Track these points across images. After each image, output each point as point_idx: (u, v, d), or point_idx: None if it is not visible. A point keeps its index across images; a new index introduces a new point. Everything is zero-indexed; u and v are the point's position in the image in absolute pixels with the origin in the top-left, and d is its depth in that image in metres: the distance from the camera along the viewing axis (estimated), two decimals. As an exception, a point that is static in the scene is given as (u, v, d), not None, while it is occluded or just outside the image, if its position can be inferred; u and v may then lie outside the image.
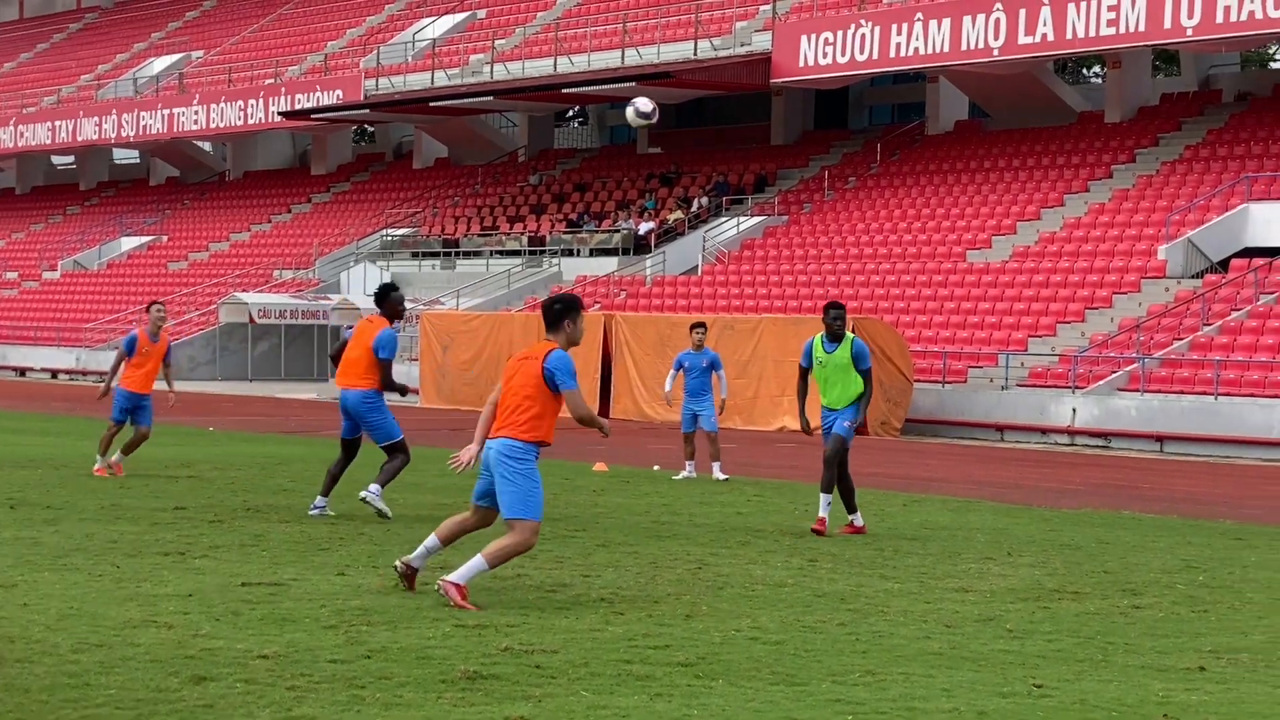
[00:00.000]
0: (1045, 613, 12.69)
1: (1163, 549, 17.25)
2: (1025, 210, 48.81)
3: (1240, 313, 39.00)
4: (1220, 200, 44.37)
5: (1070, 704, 9.28)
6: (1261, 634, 11.97)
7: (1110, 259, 43.99)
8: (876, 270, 48.15)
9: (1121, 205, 46.98)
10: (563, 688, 9.27)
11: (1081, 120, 53.01)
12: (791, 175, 58.19)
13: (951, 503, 22.03)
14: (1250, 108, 49.88)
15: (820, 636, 11.26)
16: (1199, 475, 30.00)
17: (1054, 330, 41.67)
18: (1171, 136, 49.86)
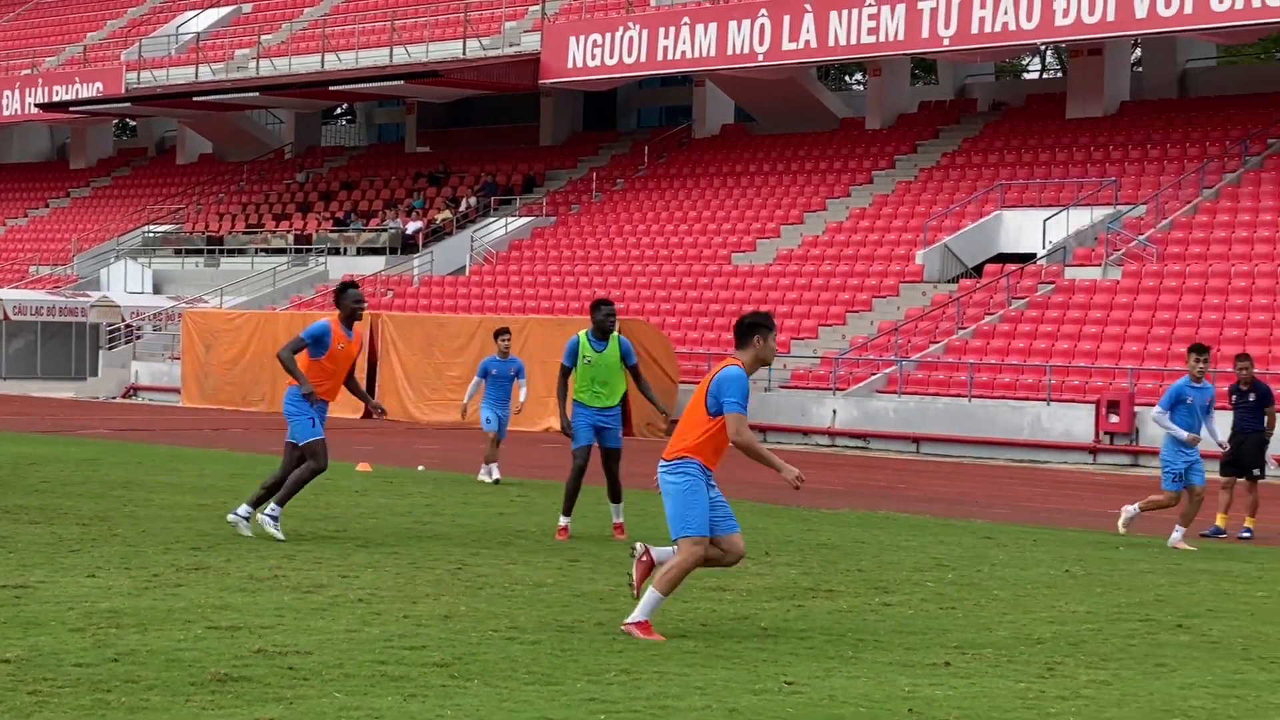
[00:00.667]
0: (799, 611, 12.90)
1: (915, 548, 17.62)
2: (789, 214, 49.49)
3: (993, 317, 39.95)
4: (975, 207, 45.42)
5: (819, 700, 9.45)
6: (1005, 630, 12.29)
7: (870, 263, 44.78)
8: (643, 272, 48.48)
9: (881, 210, 47.86)
10: (315, 689, 9.22)
11: (843, 126, 53.89)
12: (560, 176, 58.33)
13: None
14: (1004, 117, 51.12)
15: (577, 636, 11.32)
16: (953, 475, 30.68)
17: (815, 333, 42.31)
18: (929, 144, 50.90)
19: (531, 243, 53.62)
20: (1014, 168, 47.26)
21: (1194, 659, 11.26)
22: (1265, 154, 43.44)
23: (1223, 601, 14.20)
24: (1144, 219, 41.91)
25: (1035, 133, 48.90)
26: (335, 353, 16.29)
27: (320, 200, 62.31)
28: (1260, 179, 42.28)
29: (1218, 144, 44.50)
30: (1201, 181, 42.73)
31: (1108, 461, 34.50)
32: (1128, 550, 18.22)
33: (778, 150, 53.65)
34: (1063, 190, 44.64)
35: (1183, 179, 43.01)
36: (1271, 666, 11.00)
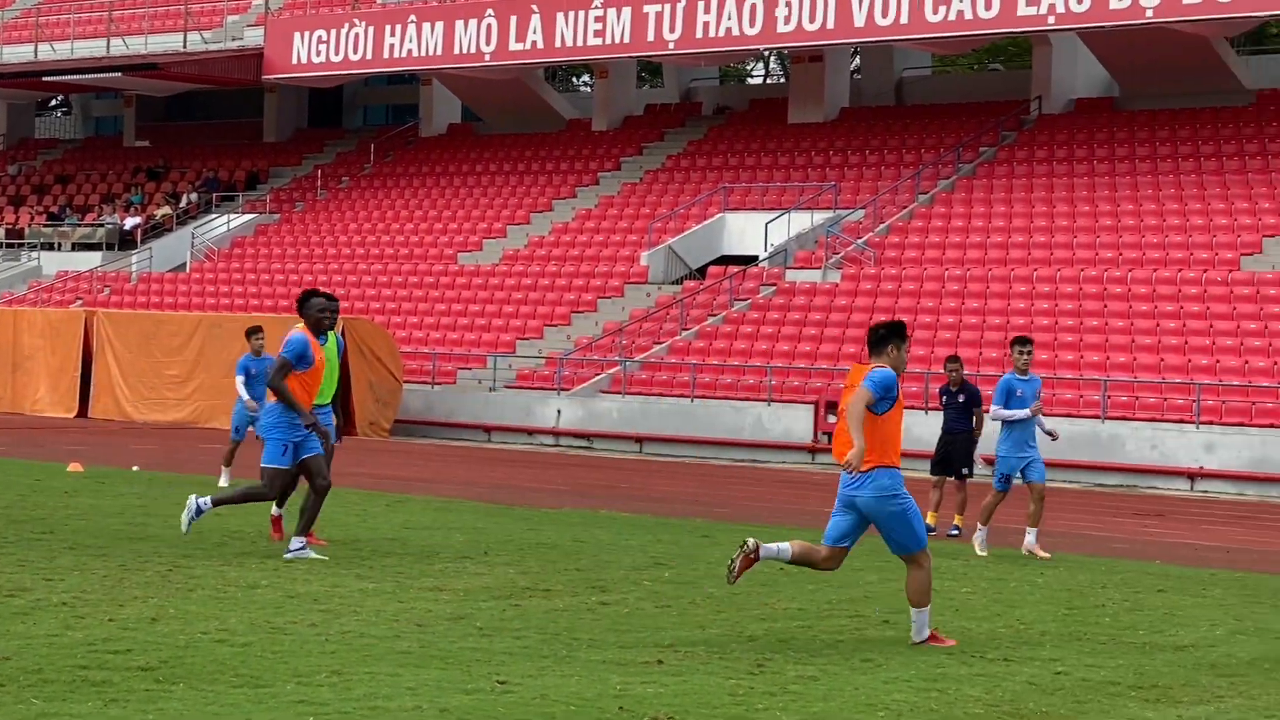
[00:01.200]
0: (516, 610, 12.92)
1: (634, 547, 17.76)
2: (515, 214, 49.54)
3: (716, 318, 40.45)
4: (699, 210, 45.94)
5: (531, 699, 9.48)
6: (718, 627, 12.46)
7: (596, 264, 45.03)
8: (368, 270, 48.14)
9: (607, 212, 48.16)
10: (12, 695, 8.98)
11: (570, 127, 54.10)
12: (284, 173, 57.63)
13: (435, 503, 22.21)
14: (728, 121, 51.78)
15: (289, 638, 11.21)
16: (675, 475, 30.99)
17: (541, 333, 42.42)
18: (655, 146, 51.35)
19: (254, 240, 52.89)
20: (737, 171, 47.90)
21: (899, 654, 11.53)
22: (977, 161, 44.64)
23: (929, 597, 14.53)
24: (862, 223, 42.79)
25: (758, 137, 49.62)
26: (318, 365, 15.84)
27: (33, 194, 60.69)
28: (973, 185, 43.44)
29: (933, 151, 45.61)
30: (917, 187, 43.77)
31: (826, 461, 35.13)
32: (841, 548, 18.54)
33: (504, 150, 53.66)
34: (784, 194, 45.37)
35: (899, 184, 44.01)
36: (971, 660, 11.31)
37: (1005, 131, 45.66)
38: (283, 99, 60.01)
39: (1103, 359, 34.39)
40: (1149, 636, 12.68)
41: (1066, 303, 36.66)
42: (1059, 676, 10.81)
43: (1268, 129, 41.85)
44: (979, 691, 10.19)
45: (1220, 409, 31.95)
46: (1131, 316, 35.54)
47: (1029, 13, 40.53)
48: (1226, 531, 23.31)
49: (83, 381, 41.99)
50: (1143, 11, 39.22)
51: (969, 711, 9.61)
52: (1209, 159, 41.29)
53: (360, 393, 38.62)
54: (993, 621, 13.21)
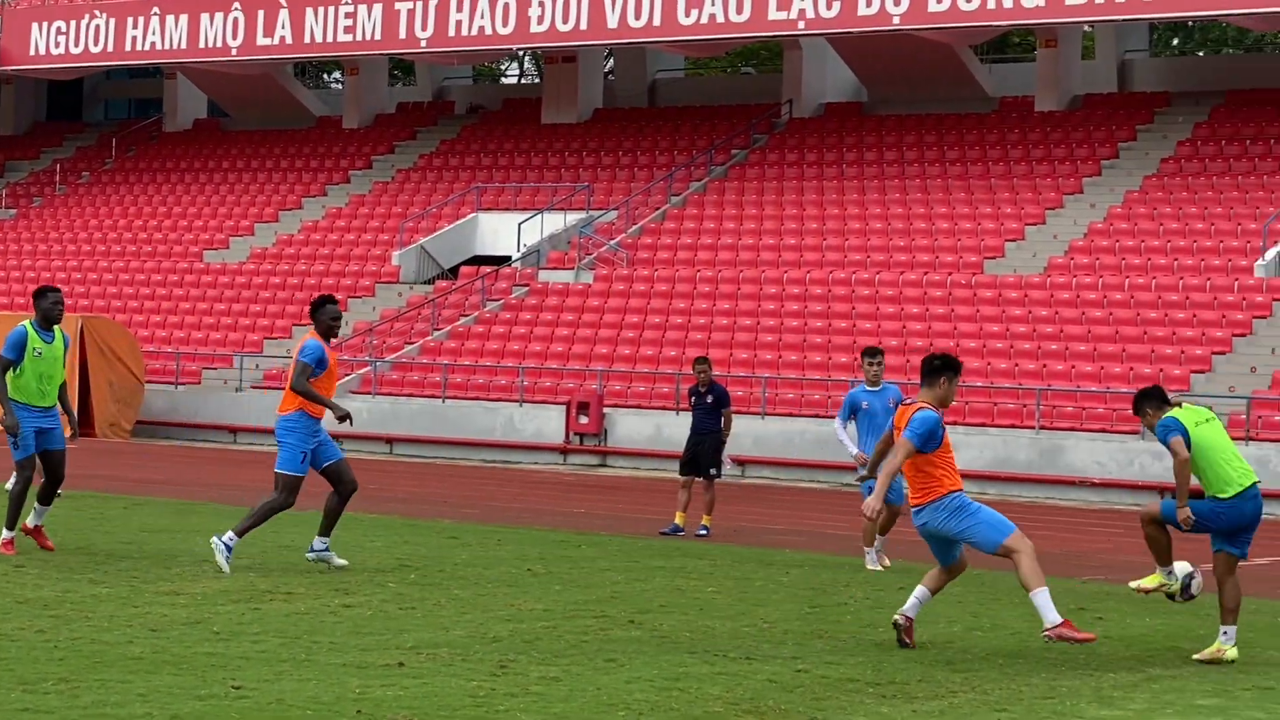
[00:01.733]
0: (255, 614, 12.67)
1: (380, 548, 17.58)
2: (264, 212, 48.85)
3: (468, 318, 40.29)
4: (452, 209, 45.72)
5: (267, 703, 9.29)
6: (462, 629, 12.34)
7: (346, 263, 44.59)
8: (109, 268, 47.10)
9: (358, 210, 47.72)
10: None
11: (320, 124, 53.50)
12: (21, 167, 56.16)
13: (175, 505, 21.77)
14: (481, 120, 51.62)
15: (16, 644, 10.85)
16: (424, 476, 30.79)
17: (290, 333, 41.86)
18: (407, 145, 51.00)
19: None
20: (490, 171, 47.76)
21: (642, 653, 11.52)
22: (729, 163, 45.07)
23: (674, 597, 14.58)
24: (615, 224, 42.93)
25: (512, 137, 49.54)
26: (332, 369, 15.74)
27: None
28: (725, 187, 43.84)
29: (685, 152, 45.93)
30: (670, 189, 44.04)
31: (577, 461, 35.19)
32: (589, 548, 18.56)
33: (253, 147, 52.88)
34: (538, 194, 45.35)
35: (652, 186, 44.24)
36: (714, 659, 11.35)
37: (757, 134, 46.17)
38: (20, 91, 58.45)
39: (851, 360, 34.91)
40: (889, 634, 12.83)
41: (815, 304, 37.16)
42: (799, 674, 10.89)
43: (1009, 135, 42.87)
44: (719, 690, 10.22)
45: (963, 410, 32.60)
46: (879, 319, 36.13)
47: (779, 17, 41.01)
48: (967, 529, 23.72)
49: None
50: (890, 18, 39.91)
51: (709, 710, 9.63)
52: (954, 164, 42.17)
53: (100, 393, 37.75)
54: (736, 620, 13.28)
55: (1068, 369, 32.99)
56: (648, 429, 34.57)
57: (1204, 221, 37.12)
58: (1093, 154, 41.29)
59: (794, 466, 32.82)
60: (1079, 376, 32.72)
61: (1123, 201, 38.91)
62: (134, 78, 59.90)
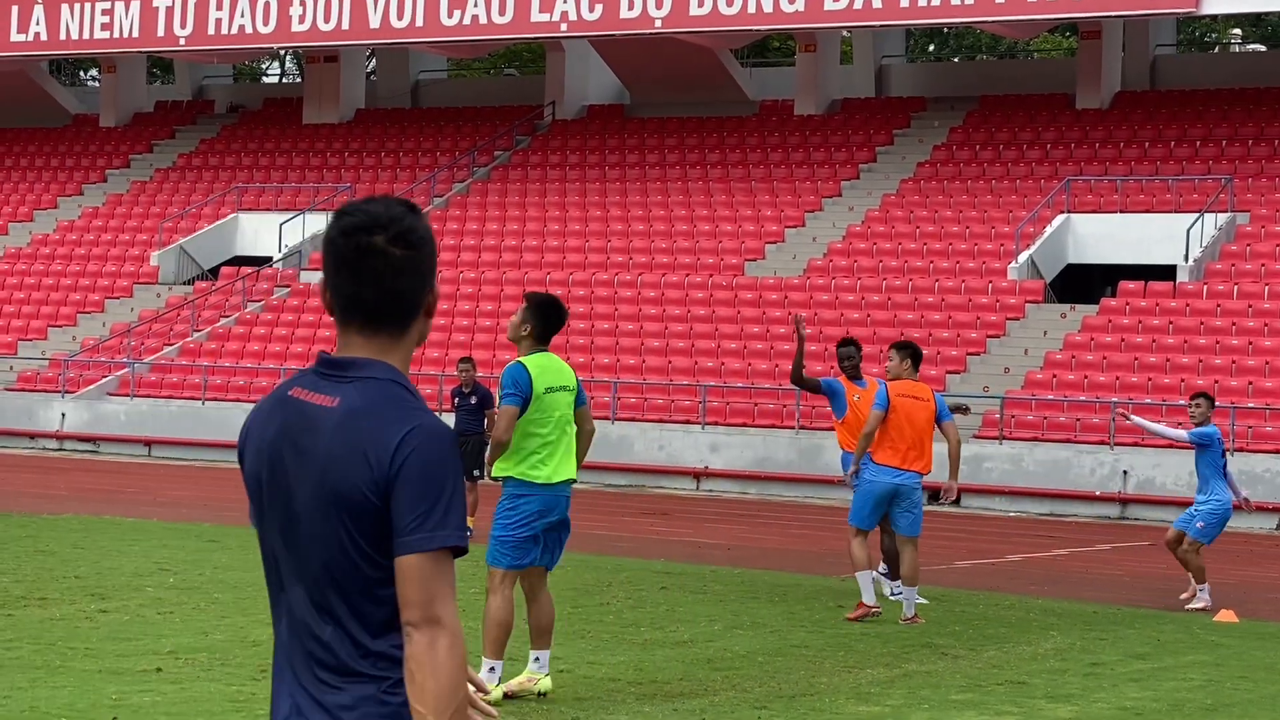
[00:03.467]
0: (8, 620, 12.46)
1: (138, 553, 17.33)
2: (18, 211, 47.75)
3: (229, 319, 39.79)
4: (212, 209, 45.13)
5: (20, 712, 9.17)
6: (222, 633, 12.26)
7: (103, 263, 43.77)
8: None
9: (115, 210, 46.87)
10: None
11: (76, 122, 52.45)
12: None
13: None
14: (241, 120, 51.01)
15: None
16: (185, 479, 30.37)
17: (45, 334, 40.99)
18: (166, 144, 50.20)
19: None
20: (251, 171, 47.21)
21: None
22: (492, 165, 45.07)
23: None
24: (378, 225, 42.62)
25: (273, 136, 49.02)
26: None
27: None
28: (488, 189, 43.84)
29: (448, 154, 45.85)
30: (433, 190, 43.93)
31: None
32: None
33: (6, 145, 51.63)
34: (299, 195, 44.93)
35: (415, 187, 44.08)
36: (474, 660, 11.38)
37: (520, 136, 46.25)
38: None
39: (614, 361, 35.15)
40: (650, 633, 13.00)
41: (579, 305, 37.30)
42: (562, 674, 10.98)
43: (770, 138, 43.47)
44: (482, 690, 10.26)
45: (725, 410, 33.01)
46: (641, 320, 36.42)
47: (542, 19, 41.14)
48: (729, 529, 24.09)
49: None
50: (652, 22, 40.25)
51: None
52: (715, 166, 42.65)
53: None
54: (499, 621, 13.32)
55: (826, 369, 33.53)
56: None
57: (959, 225, 38.00)
58: (851, 158, 42.05)
59: (558, 467, 32.90)
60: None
61: (880, 205, 39.68)
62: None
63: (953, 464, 14.74)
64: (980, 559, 21.03)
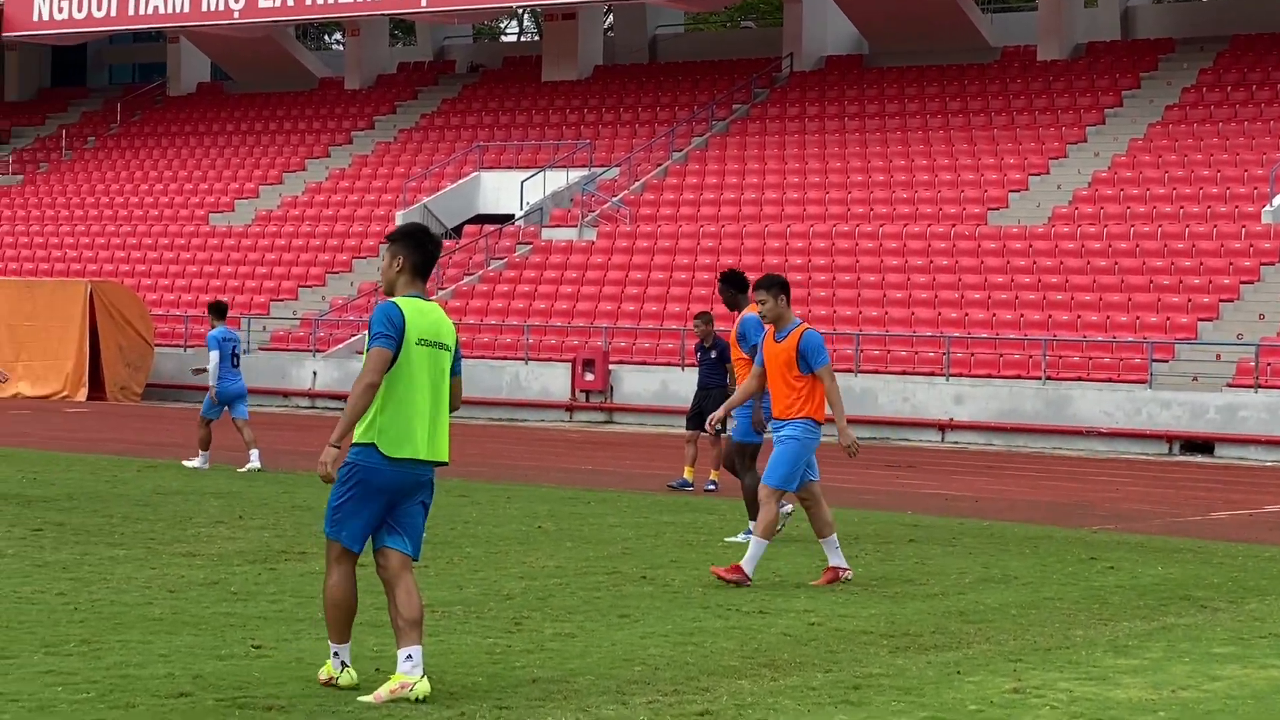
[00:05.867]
0: (270, 574, 12.76)
1: (391, 508, 17.60)
2: (268, 174, 48.85)
3: (472, 277, 40.31)
4: (454, 168, 45.71)
5: (287, 662, 9.38)
6: (475, 587, 12.42)
7: (350, 224, 44.61)
8: (117, 233, 47.12)
9: (361, 171, 47.71)
10: None
11: (322, 86, 53.45)
12: (27, 133, 56.13)
13: (187, 468, 21.81)
14: (482, 79, 51.57)
15: (36, 607, 10.95)
16: (433, 435, 30.77)
17: (295, 294, 41.91)
18: (409, 105, 50.96)
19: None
20: (492, 129, 47.73)
21: (656, 609, 11.60)
22: (731, 119, 45.02)
23: (686, 553, 14.66)
24: (617, 181, 42.92)
25: (512, 95, 49.49)
26: None
27: None
28: (726, 143, 43.80)
29: (686, 108, 45.88)
30: (671, 145, 44.01)
31: (583, 418, 35.27)
32: (598, 505, 18.65)
33: (256, 109, 52.85)
34: (539, 152, 45.31)
35: (654, 142, 44.21)
36: (727, 614, 11.42)
37: (758, 89, 46.10)
38: (24, 57, 58.41)
39: (855, 314, 34.95)
40: (900, 586, 12.92)
41: (819, 258, 37.17)
42: (813, 627, 10.97)
43: (1011, 85, 42.81)
44: (733, 644, 10.29)
45: (969, 361, 32.66)
46: (883, 271, 36.15)
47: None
48: (975, 481, 23.85)
49: None
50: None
51: (724, 664, 9.71)
52: (956, 115, 42.12)
53: (110, 356, 37.86)
54: (748, 574, 13.34)
55: (1073, 319, 33.03)
56: (653, 385, 34.63)
57: (1210, 168, 37.09)
58: (1096, 102, 41.24)
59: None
60: (1085, 326, 32.76)
61: (1127, 150, 38.88)
62: (138, 42, 59.83)
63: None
64: (1237, 509, 20.56)
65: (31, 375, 38.19)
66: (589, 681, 9.11)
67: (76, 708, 8.17)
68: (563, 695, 8.75)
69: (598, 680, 9.15)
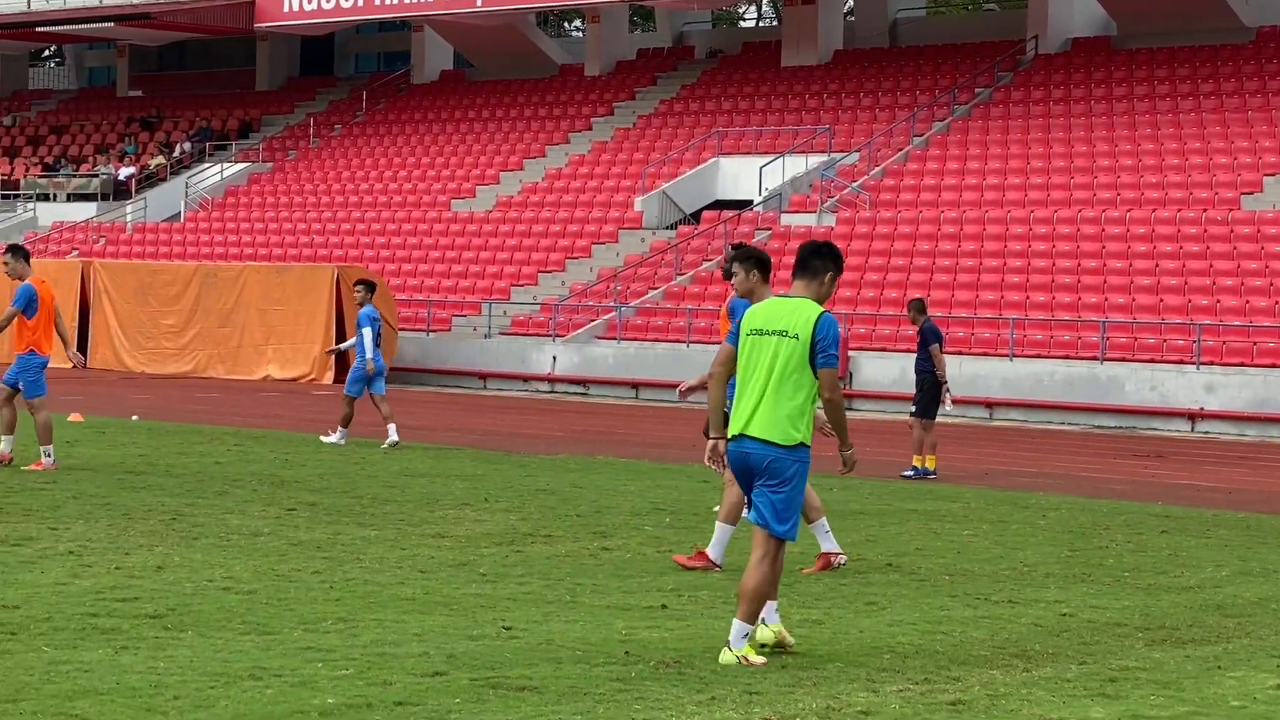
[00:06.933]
0: (518, 556, 12.91)
1: (633, 492, 17.75)
2: (508, 160, 49.38)
3: (711, 263, 40.32)
4: (693, 154, 45.78)
5: (537, 644, 9.48)
6: (721, 573, 12.43)
7: (590, 209, 44.91)
8: (362, 218, 47.99)
9: (600, 157, 48.00)
10: (23, 644, 8.98)
11: (562, 73, 53.88)
12: (277, 122, 57.41)
13: (432, 450, 22.18)
14: (721, 65, 51.57)
15: (294, 585, 11.20)
16: (671, 420, 30.95)
17: (535, 279, 42.32)
18: (648, 91, 51.16)
19: (248, 189, 52.72)
20: (731, 115, 47.72)
21: (903, 597, 11.52)
22: (972, 103, 44.48)
23: (931, 540, 14.55)
24: (857, 166, 42.65)
25: (751, 80, 49.42)
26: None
27: (28, 145, 60.46)
28: (968, 127, 43.29)
29: (927, 93, 45.43)
30: (912, 130, 43.61)
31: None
32: (840, 492, 18.54)
33: (497, 96, 53.45)
34: (778, 138, 45.19)
35: (894, 127, 43.86)
36: (976, 603, 11.30)
37: (1001, 72, 45.48)
38: (275, 47, 59.75)
39: (1101, 300, 34.34)
40: (1154, 578, 12.67)
41: (1064, 244, 36.59)
42: (1064, 618, 10.81)
43: (1267, 66, 41.69)
44: (984, 634, 10.18)
45: (1221, 349, 31.92)
46: (1130, 257, 35.47)
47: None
48: (1228, 472, 23.32)
49: (80, 332, 41.90)
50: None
51: (975, 654, 9.61)
52: (1208, 97, 41.15)
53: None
54: (996, 564, 13.20)
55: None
56: (893, 371, 34.33)
57: None
58: (1355, 84, 40.03)
59: (1042, 409, 32.40)
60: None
61: (1385, 133, 37.68)
62: (383, 31, 60.85)
63: None
64: None
65: (280, 358, 39.09)
66: (838, 669, 9.07)
67: (336, 684, 8.33)
68: (812, 682, 8.73)
69: (847, 668, 9.11)
